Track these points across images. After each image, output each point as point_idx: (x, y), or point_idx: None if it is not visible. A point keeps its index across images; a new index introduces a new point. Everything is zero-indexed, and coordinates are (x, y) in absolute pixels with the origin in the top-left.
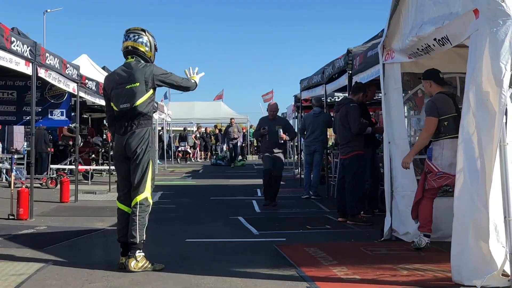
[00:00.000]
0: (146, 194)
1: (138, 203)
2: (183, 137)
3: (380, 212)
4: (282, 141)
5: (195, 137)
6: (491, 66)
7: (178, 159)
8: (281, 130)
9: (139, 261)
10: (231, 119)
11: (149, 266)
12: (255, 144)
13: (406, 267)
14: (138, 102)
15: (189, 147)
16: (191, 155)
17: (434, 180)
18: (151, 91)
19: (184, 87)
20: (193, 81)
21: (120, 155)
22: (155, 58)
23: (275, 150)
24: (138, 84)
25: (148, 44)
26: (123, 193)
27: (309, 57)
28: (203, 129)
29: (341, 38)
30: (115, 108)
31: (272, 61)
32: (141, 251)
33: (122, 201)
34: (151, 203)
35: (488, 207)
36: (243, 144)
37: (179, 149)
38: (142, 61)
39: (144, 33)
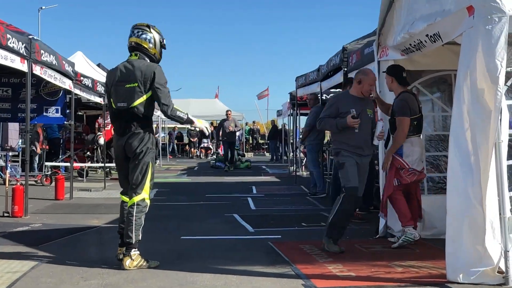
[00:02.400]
0: (143, 195)
1: (135, 203)
2: (204, 134)
3: (375, 209)
4: (378, 142)
5: None
6: (487, 63)
7: (201, 155)
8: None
9: (134, 259)
10: (227, 111)
11: (144, 264)
12: (251, 141)
13: (401, 264)
14: (136, 103)
15: (211, 144)
16: (212, 151)
17: (407, 176)
18: (150, 92)
19: (164, 111)
20: (182, 115)
21: (120, 155)
22: (162, 55)
23: (367, 152)
24: (136, 84)
25: (152, 40)
26: (127, 189)
27: (305, 54)
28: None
29: (337, 35)
30: (113, 105)
31: (268, 59)
32: (137, 249)
33: (126, 195)
34: (149, 204)
35: (482, 204)
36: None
37: (202, 145)
38: (147, 59)
39: (148, 29)
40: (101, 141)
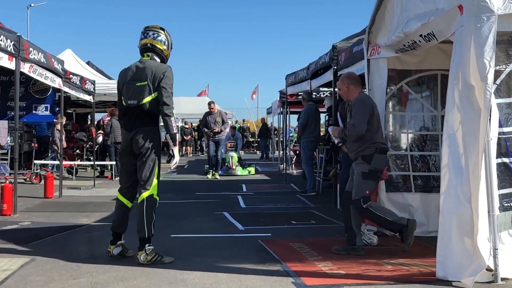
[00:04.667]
0: (152, 191)
1: (144, 199)
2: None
3: None
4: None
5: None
6: (476, 62)
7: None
8: None
9: (148, 254)
10: (209, 103)
11: (158, 259)
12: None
13: (391, 262)
14: (145, 100)
15: None
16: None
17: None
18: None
19: (162, 109)
20: (174, 125)
21: (126, 150)
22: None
23: None
24: (146, 82)
25: (166, 42)
26: (125, 187)
27: (295, 52)
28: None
29: (327, 33)
30: (124, 103)
31: (258, 57)
32: (151, 244)
33: (123, 194)
34: (158, 200)
35: (471, 202)
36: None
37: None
38: (158, 60)
39: (162, 32)
40: (99, 139)
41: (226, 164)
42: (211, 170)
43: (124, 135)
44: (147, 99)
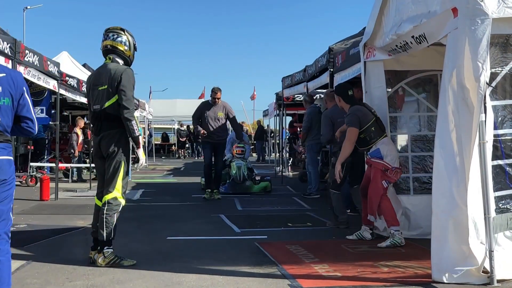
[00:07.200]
0: (115, 194)
1: (106, 201)
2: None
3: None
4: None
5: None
6: (471, 64)
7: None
8: None
9: (106, 257)
10: (215, 90)
11: (117, 261)
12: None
13: (387, 264)
14: (107, 104)
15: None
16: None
17: (394, 175)
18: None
19: (121, 112)
20: (136, 128)
21: (96, 154)
22: (134, 57)
23: None
24: (106, 86)
25: (127, 43)
26: (100, 190)
27: (291, 55)
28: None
29: (323, 36)
30: (91, 108)
31: (254, 59)
32: (110, 247)
33: (99, 198)
34: (122, 203)
35: (467, 205)
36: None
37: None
38: (120, 61)
39: (123, 32)
40: None
41: (232, 177)
42: (209, 190)
43: (94, 139)
44: (108, 103)
